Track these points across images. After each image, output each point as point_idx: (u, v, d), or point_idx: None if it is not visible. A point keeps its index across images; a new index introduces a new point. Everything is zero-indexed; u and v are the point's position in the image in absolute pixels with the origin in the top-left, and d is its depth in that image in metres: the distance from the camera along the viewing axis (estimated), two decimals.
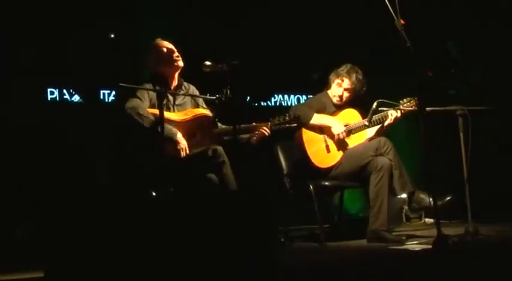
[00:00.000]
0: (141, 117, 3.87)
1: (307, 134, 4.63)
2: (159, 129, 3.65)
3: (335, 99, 4.79)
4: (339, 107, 4.80)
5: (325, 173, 4.58)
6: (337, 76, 4.77)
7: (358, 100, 4.83)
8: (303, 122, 4.55)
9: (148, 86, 4.02)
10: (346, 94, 4.76)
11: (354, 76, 4.72)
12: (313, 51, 6.17)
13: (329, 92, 4.85)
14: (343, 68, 4.77)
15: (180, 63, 4.16)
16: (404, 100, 4.57)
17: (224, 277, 2.78)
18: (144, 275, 2.74)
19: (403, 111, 4.56)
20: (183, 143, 3.92)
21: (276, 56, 6.04)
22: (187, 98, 4.24)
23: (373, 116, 4.59)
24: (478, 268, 3.06)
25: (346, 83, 4.73)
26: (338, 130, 4.62)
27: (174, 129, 3.93)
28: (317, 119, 4.65)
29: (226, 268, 2.79)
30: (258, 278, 2.82)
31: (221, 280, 2.78)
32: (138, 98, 3.96)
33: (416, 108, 4.41)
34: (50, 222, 2.90)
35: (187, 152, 3.92)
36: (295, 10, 6.05)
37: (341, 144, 4.66)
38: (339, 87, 4.76)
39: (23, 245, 4.36)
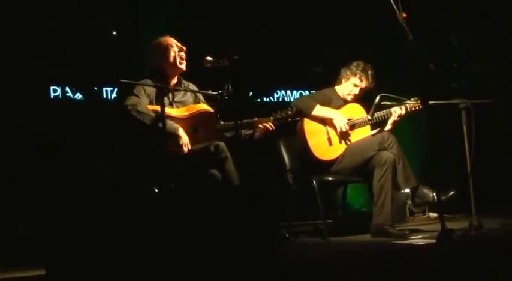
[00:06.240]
0: (141, 115, 3.86)
1: (309, 125, 4.60)
2: (161, 126, 3.64)
3: (349, 97, 4.76)
4: (344, 102, 4.79)
5: (327, 166, 4.57)
6: (354, 75, 4.71)
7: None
8: (305, 113, 4.54)
9: (149, 82, 4.01)
10: (360, 93, 4.75)
11: (370, 76, 4.70)
12: (315, 45, 6.15)
13: (337, 88, 4.83)
14: (357, 67, 4.71)
15: (183, 67, 4.16)
16: (412, 100, 4.55)
17: (227, 273, 2.78)
18: (146, 269, 2.74)
19: (408, 109, 4.55)
20: (185, 138, 3.90)
21: (279, 51, 6.02)
22: (188, 95, 4.23)
23: (377, 113, 4.58)
24: (482, 262, 3.05)
25: (365, 83, 4.70)
26: (340, 123, 4.60)
27: (176, 125, 3.91)
28: (319, 111, 4.62)
29: (229, 263, 2.79)
30: (261, 273, 2.82)
31: (224, 275, 2.78)
32: (135, 95, 3.95)
33: (419, 107, 4.40)
34: (52, 219, 2.89)
35: (189, 147, 3.91)
36: (297, 4, 6.03)
37: (343, 137, 4.64)
38: (355, 87, 4.73)
39: (25, 243, 4.36)
